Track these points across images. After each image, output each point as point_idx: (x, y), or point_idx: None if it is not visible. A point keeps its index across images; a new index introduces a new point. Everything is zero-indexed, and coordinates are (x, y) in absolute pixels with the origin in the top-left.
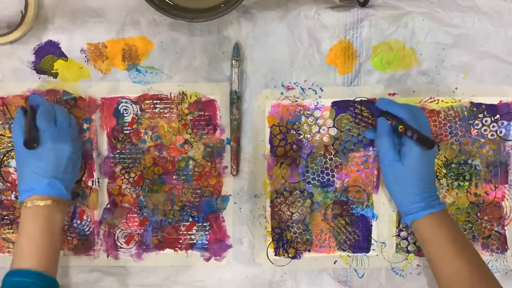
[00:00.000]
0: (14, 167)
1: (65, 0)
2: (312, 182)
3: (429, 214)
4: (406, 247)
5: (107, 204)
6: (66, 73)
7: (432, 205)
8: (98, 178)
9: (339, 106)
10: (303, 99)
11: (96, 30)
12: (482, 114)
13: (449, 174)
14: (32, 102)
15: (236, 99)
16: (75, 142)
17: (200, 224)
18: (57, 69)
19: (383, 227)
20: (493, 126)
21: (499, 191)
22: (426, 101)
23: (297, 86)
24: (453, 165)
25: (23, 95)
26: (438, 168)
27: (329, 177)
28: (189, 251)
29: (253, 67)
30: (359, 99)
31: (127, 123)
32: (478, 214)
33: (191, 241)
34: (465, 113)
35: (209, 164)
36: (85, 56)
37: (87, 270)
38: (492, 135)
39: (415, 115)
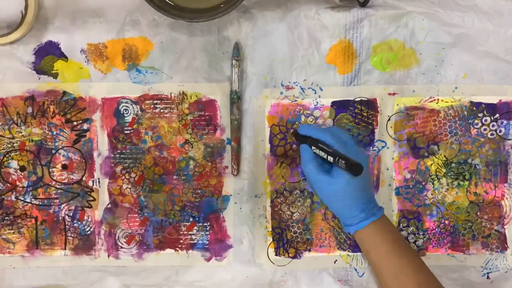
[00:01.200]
0: (14, 168)
1: (65, 1)
2: None
3: (372, 222)
4: None
5: (108, 204)
6: (66, 74)
7: (373, 213)
8: (98, 178)
9: (339, 106)
10: (302, 99)
11: (96, 31)
12: (481, 114)
13: (449, 174)
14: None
15: (236, 99)
16: None
17: (201, 224)
18: (57, 70)
19: None
20: (493, 125)
21: (499, 190)
22: (426, 100)
23: (297, 85)
24: (453, 165)
25: (22, 95)
26: (438, 168)
27: None
28: (190, 251)
29: (253, 67)
30: (359, 99)
31: (128, 123)
32: (478, 213)
33: (191, 241)
34: (465, 112)
35: (209, 164)
36: (85, 57)
37: (88, 270)
38: (491, 134)
39: (337, 136)
